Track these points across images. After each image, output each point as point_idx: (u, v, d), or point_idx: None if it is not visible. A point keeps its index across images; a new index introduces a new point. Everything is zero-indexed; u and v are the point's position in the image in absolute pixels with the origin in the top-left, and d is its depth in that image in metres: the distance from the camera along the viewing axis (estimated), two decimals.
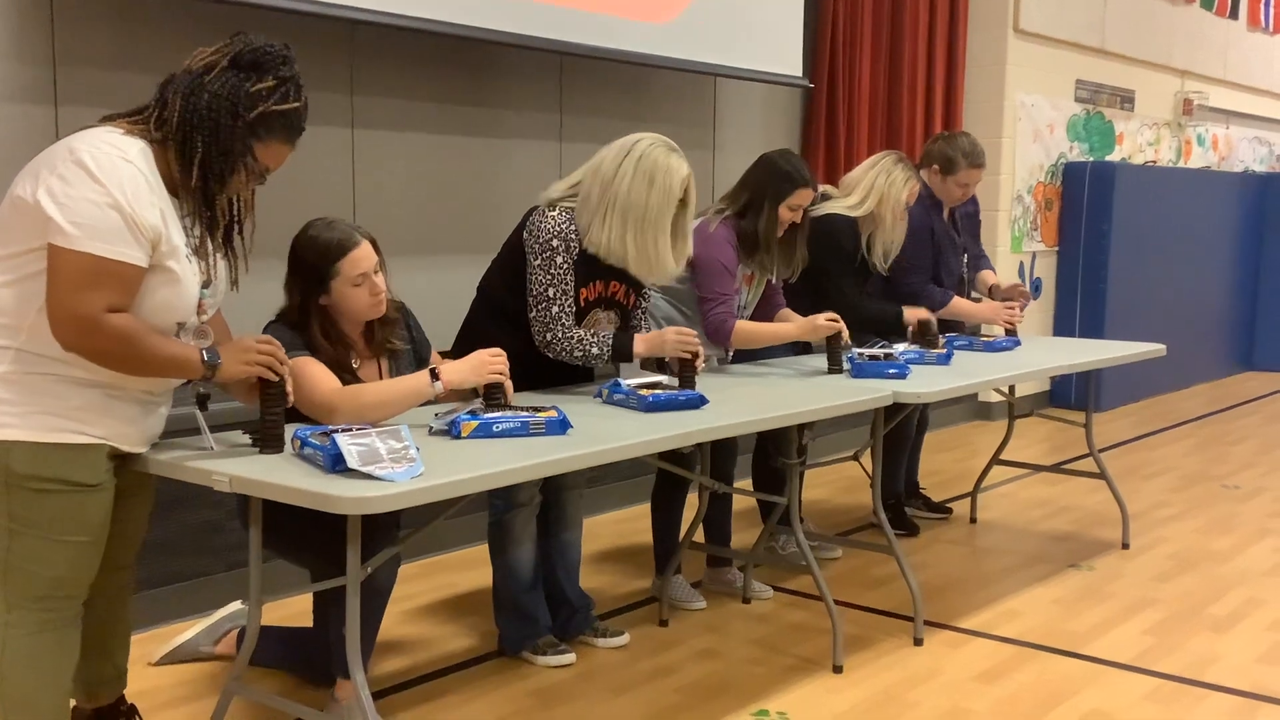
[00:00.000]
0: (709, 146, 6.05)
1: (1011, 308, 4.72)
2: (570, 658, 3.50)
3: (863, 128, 6.73)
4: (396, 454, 2.40)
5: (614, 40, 5.09)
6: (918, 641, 3.69)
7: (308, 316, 2.84)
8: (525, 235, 3.35)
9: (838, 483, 5.68)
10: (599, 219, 3.31)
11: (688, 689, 3.35)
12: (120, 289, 2.27)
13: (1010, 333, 4.67)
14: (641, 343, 3.38)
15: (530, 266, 3.32)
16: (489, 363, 2.89)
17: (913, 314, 4.38)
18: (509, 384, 2.91)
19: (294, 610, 3.59)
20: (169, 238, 2.33)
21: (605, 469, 4.45)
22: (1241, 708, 3.29)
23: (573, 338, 3.34)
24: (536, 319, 3.33)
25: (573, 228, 3.32)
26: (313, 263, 2.82)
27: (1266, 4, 10.55)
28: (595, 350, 3.35)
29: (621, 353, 3.37)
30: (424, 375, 2.83)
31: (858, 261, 4.43)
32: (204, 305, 2.47)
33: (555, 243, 3.30)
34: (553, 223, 3.31)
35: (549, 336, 3.33)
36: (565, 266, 3.31)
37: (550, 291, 3.31)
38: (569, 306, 3.33)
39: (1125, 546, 4.78)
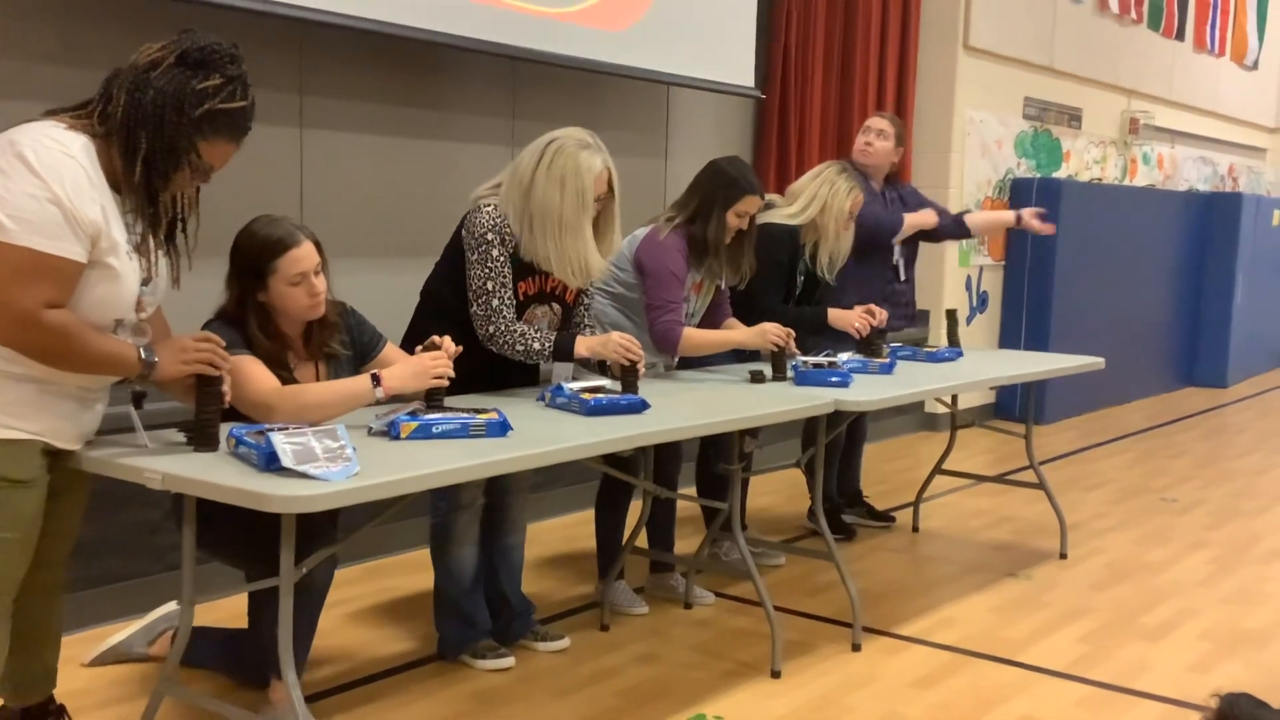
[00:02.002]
0: (661, 154, 6.08)
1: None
2: (509, 661, 3.50)
3: (813, 139, 6.80)
4: (332, 453, 2.39)
5: (569, 46, 5.11)
6: (856, 648, 3.72)
7: (245, 312, 2.82)
8: (463, 233, 3.36)
9: (783, 490, 5.71)
10: (525, 229, 3.32)
11: (627, 693, 3.36)
12: (58, 284, 2.25)
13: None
14: (584, 344, 3.39)
15: (468, 262, 3.33)
16: (431, 368, 2.87)
17: (839, 317, 4.33)
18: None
19: (230, 612, 3.55)
20: (109, 233, 2.31)
21: (550, 474, 4.45)
22: (1170, 715, 3.34)
23: (515, 331, 3.34)
24: (477, 313, 3.33)
25: (507, 222, 3.32)
26: (252, 258, 2.81)
27: (1212, 26, 10.75)
28: (537, 346, 3.35)
29: (563, 351, 3.38)
30: (365, 380, 2.82)
31: (799, 270, 4.44)
32: (143, 302, 2.45)
33: (490, 236, 3.30)
34: (487, 217, 3.32)
35: (491, 330, 3.33)
36: (501, 260, 3.32)
37: (489, 285, 3.32)
38: (509, 299, 3.34)
39: (1063, 556, 4.85)
